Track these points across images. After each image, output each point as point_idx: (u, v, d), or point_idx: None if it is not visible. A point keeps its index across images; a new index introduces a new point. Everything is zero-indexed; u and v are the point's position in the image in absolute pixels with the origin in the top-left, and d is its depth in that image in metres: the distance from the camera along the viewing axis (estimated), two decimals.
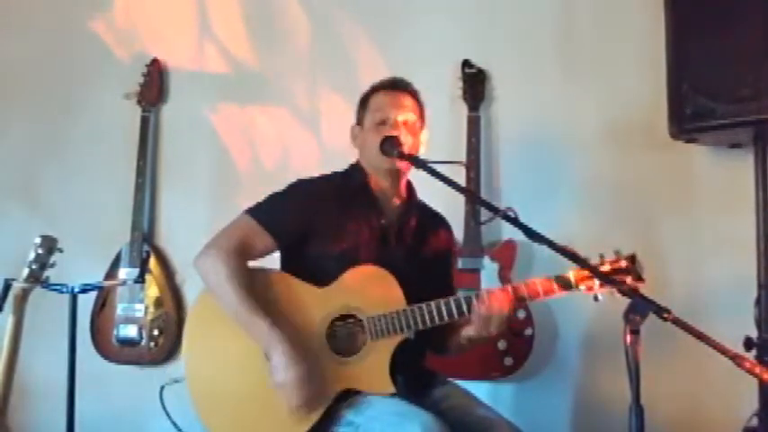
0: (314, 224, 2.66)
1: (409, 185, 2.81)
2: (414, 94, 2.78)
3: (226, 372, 2.60)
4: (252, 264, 2.66)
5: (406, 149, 2.62)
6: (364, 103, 2.79)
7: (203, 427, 2.58)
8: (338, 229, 2.66)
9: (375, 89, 2.79)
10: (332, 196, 2.70)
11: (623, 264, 2.45)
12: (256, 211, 2.68)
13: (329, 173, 2.82)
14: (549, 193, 3.57)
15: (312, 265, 2.65)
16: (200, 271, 2.65)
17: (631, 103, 3.46)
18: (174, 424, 2.83)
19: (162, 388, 2.78)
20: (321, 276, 2.61)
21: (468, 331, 2.56)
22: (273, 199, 2.72)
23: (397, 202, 2.77)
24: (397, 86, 2.78)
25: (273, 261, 2.75)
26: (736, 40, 2.91)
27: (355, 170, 2.80)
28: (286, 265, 2.74)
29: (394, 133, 2.64)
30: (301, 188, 2.73)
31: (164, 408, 2.76)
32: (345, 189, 2.74)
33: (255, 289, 2.57)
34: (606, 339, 3.28)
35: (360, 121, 2.80)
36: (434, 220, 2.90)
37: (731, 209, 3.28)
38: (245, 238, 2.63)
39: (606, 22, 3.54)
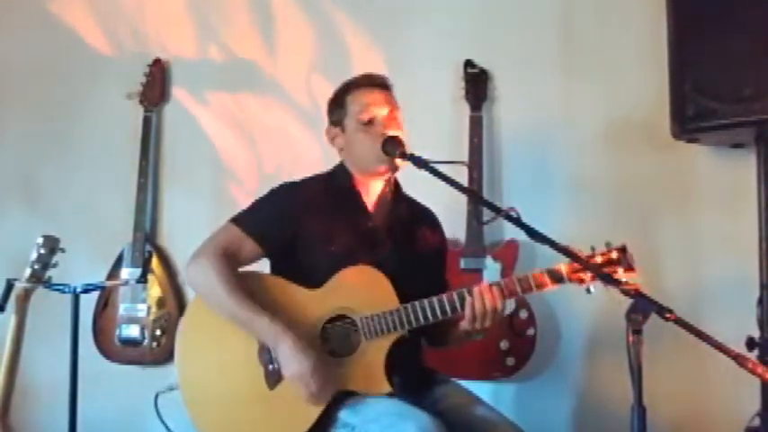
0: (300, 229, 2.64)
1: (396, 183, 2.79)
2: (391, 88, 2.74)
3: (220, 377, 2.59)
4: (242, 268, 2.65)
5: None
6: (340, 102, 2.73)
7: None
8: (326, 233, 2.64)
9: (349, 87, 2.74)
10: (317, 200, 2.68)
11: (614, 255, 2.43)
12: (240, 219, 2.67)
13: (314, 175, 2.80)
14: (552, 193, 3.57)
15: (302, 269, 2.63)
16: (191, 280, 2.66)
17: (633, 104, 3.46)
18: (170, 430, 2.82)
19: (156, 396, 2.76)
20: (312, 281, 2.60)
21: (463, 326, 2.54)
22: (257, 205, 2.71)
23: (385, 201, 2.76)
24: (375, 83, 2.73)
25: (264, 266, 2.76)
26: (737, 40, 2.91)
27: (340, 172, 2.77)
28: (275, 271, 2.73)
29: (390, 131, 2.62)
30: (285, 192, 2.72)
31: (158, 415, 2.75)
32: (331, 192, 2.72)
33: (247, 292, 2.56)
34: (608, 339, 3.29)
35: (338, 122, 2.74)
36: (423, 216, 2.88)
37: (733, 209, 3.28)
38: (230, 246, 2.61)
39: (608, 22, 3.54)
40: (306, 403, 2.48)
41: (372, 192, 2.74)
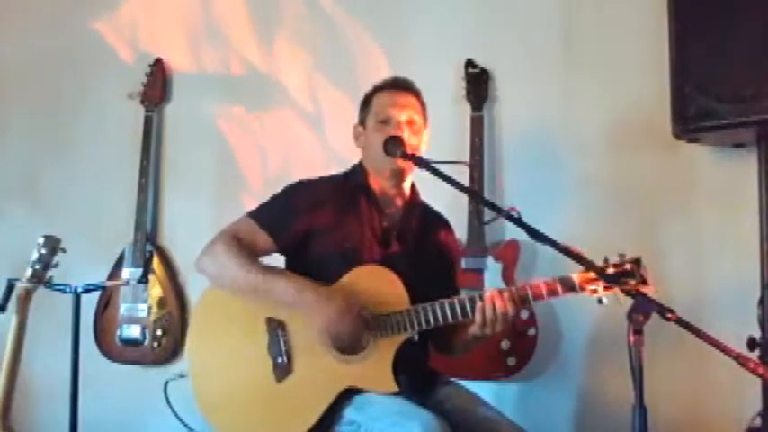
0: (314, 225, 2.67)
1: (413, 187, 2.81)
2: (416, 94, 2.78)
3: (230, 368, 2.62)
4: None
5: (409, 150, 2.62)
6: (367, 102, 2.79)
7: (206, 423, 2.59)
8: (339, 230, 2.67)
9: (377, 89, 2.79)
10: (332, 197, 2.71)
11: (628, 267, 2.40)
12: (256, 213, 2.72)
13: (331, 174, 2.83)
14: (553, 192, 3.56)
15: (314, 266, 2.65)
16: (204, 267, 2.68)
17: (634, 103, 3.45)
18: (178, 417, 2.84)
19: (166, 383, 2.78)
20: (323, 277, 2.61)
21: (473, 330, 2.54)
22: (273, 201, 2.75)
23: (399, 203, 2.77)
24: (399, 86, 2.78)
25: (277, 261, 2.76)
26: (738, 40, 2.91)
27: (357, 171, 2.80)
28: (289, 267, 2.75)
29: (398, 133, 2.64)
30: (301, 189, 2.75)
31: (168, 402, 2.77)
32: (346, 190, 2.74)
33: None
34: (610, 339, 3.28)
35: (362, 121, 2.80)
36: (437, 222, 2.90)
37: (734, 208, 3.27)
38: (244, 235, 2.65)
39: (609, 22, 3.53)
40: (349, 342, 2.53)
41: (386, 192, 2.76)
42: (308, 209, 2.68)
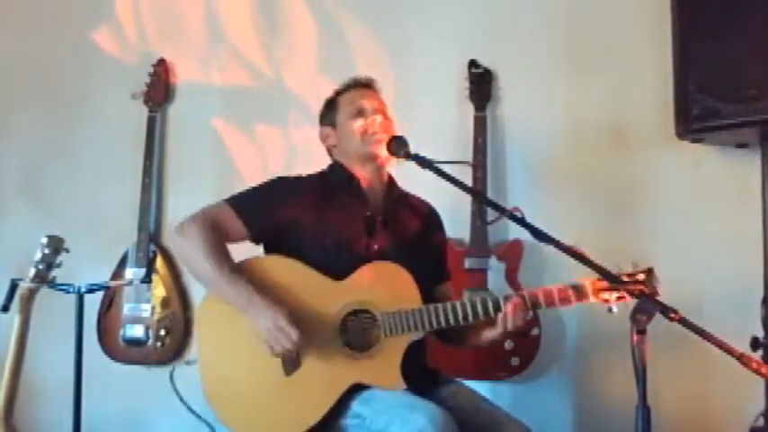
0: (292, 218, 2.67)
1: (390, 176, 2.84)
2: (378, 91, 2.85)
3: (239, 361, 2.62)
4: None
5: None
6: (332, 105, 2.86)
7: (213, 414, 2.60)
8: (319, 222, 2.68)
9: (340, 91, 2.87)
10: (314, 191, 2.74)
11: (640, 277, 2.44)
12: (234, 200, 2.71)
13: (311, 173, 2.85)
14: (556, 192, 3.56)
15: (297, 257, 2.65)
16: (176, 244, 2.74)
17: (638, 103, 3.45)
18: (186, 404, 2.84)
19: (173, 369, 2.79)
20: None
21: (492, 335, 2.59)
22: (253, 191, 2.76)
23: (380, 191, 2.80)
24: (362, 84, 2.85)
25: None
26: (741, 41, 2.91)
27: (336, 169, 2.83)
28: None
29: (374, 118, 2.72)
30: (282, 184, 2.77)
31: (175, 389, 2.77)
32: (329, 183, 2.78)
33: (271, 274, 2.60)
34: (613, 339, 3.27)
35: (329, 123, 2.86)
36: (419, 207, 2.92)
37: (738, 208, 3.27)
38: (219, 219, 2.65)
39: (612, 22, 3.53)
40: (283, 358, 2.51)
41: (368, 182, 2.78)
42: (286, 201, 2.70)
